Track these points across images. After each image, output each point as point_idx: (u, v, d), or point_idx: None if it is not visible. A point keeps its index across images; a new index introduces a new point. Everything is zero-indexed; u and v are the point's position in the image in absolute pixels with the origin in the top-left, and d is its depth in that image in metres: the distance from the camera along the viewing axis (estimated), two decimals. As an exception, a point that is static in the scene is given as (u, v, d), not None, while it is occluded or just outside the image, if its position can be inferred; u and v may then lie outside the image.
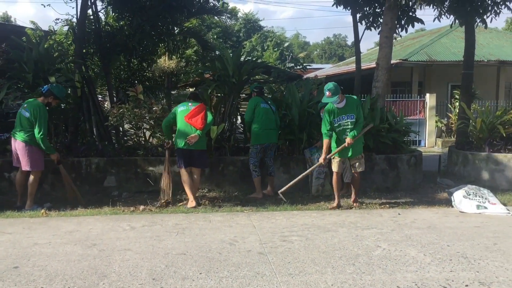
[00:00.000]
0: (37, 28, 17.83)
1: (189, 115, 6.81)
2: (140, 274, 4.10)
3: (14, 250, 4.78)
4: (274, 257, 4.56)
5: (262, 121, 7.57)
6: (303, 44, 69.60)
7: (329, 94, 6.54)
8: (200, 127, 6.75)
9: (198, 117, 6.77)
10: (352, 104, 6.74)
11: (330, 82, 6.74)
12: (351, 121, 6.72)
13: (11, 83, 8.34)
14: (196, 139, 6.74)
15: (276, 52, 32.10)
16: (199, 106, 6.90)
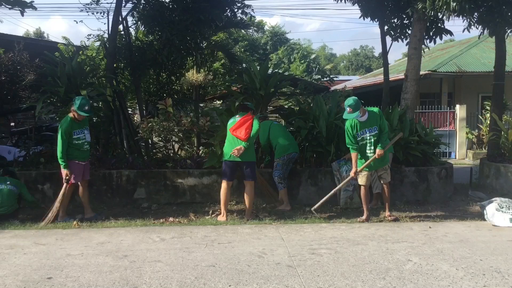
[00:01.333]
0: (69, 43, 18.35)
1: (234, 127, 6.84)
2: (170, 285, 4.15)
3: (47, 261, 4.89)
4: (303, 270, 4.54)
5: (282, 135, 7.66)
6: (329, 56, 69.45)
7: (350, 110, 6.51)
8: (244, 139, 6.73)
9: (242, 128, 6.77)
10: (374, 117, 6.69)
11: (350, 97, 6.68)
12: (374, 134, 6.66)
13: (45, 97, 8.59)
14: (241, 151, 6.72)
15: (303, 64, 32.12)
16: (245, 117, 6.88)
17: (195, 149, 9.41)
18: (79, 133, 6.85)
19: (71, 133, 6.76)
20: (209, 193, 8.14)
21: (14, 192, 6.97)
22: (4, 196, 6.83)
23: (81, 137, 6.87)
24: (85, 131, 6.96)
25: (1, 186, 6.89)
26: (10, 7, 10.42)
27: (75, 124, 6.82)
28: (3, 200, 6.80)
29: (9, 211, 6.86)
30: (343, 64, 69.99)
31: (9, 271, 4.55)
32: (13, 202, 6.94)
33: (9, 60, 15.31)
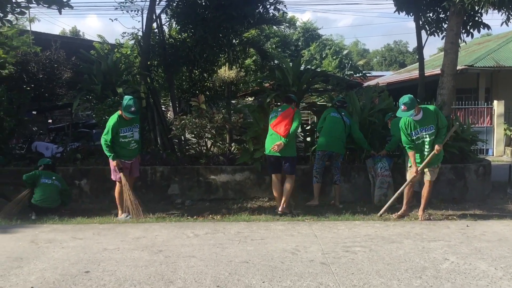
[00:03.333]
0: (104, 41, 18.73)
1: (275, 122, 6.84)
2: (205, 281, 4.18)
3: (85, 255, 5.00)
4: (337, 267, 4.51)
5: (327, 130, 7.55)
6: (362, 52, 68.58)
7: (404, 108, 6.29)
8: (284, 135, 6.74)
9: (282, 124, 6.77)
10: (430, 115, 6.44)
11: (406, 95, 6.38)
12: (431, 133, 6.43)
13: (82, 95, 8.78)
14: (281, 147, 6.75)
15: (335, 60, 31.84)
16: (286, 112, 6.86)
17: (227, 145, 9.46)
18: (126, 131, 6.80)
19: (118, 131, 6.73)
20: (242, 189, 8.17)
21: (58, 187, 7.17)
22: (51, 190, 7.04)
23: (128, 135, 6.83)
24: (133, 129, 6.91)
25: (49, 181, 7.09)
26: (47, 6, 10.68)
27: (123, 122, 6.78)
28: (51, 194, 7.01)
29: (53, 205, 7.05)
30: (376, 59, 68.98)
31: (48, 265, 4.67)
32: (57, 197, 7.13)
33: (46, 58, 15.75)
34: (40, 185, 7.05)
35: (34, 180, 7.08)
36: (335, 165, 7.68)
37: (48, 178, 7.14)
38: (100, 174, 8.10)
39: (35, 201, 6.96)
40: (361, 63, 38.55)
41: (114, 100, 8.00)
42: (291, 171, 6.99)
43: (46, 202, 6.98)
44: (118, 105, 7.79)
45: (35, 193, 7.01)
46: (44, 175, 7.16)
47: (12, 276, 4.33)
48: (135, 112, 6.77)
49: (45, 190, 7.02)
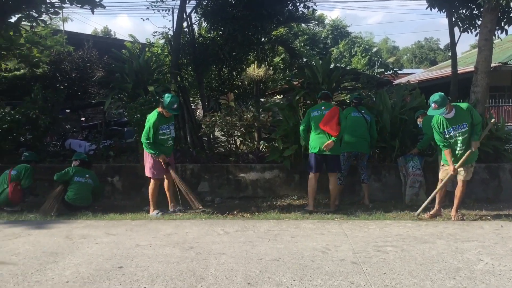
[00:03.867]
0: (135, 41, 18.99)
1: (323, 121, 6.83)
2: (236, 278, 4.20)
3: (118, 250, 5.09)
4: (369, 267, 4.47)
5: (350, 130, 7.43)
6: (392, 49, 67.58)
7: (435, 106, 6.17)
8: (336, 134, 6.79)
9: (332, 123, 6.79)
10: (462, 113, 6.30)
11: (436, 93, 6.26)
12: (464, 131, 6.29)
13: (114, 93, 8.94)
14: (331, 146, 6.79)
15: (364, 58, 31.47)
16: (332, 111, 6.87)
17: (256, 143, 9.48)
18: (165, 129, 6.92)
19: (158, 128, 6.83)
20: (271, 187, 8.19)
21: (91, 186, 7.31)
22: (84, 189, 7.19)
23: (167, 133, 6.95)
24: (171, 126, 7.04)
25: (82, 180, 7.23)
26: (80, 5, 10.91)
27: (162, 119, 6.89)
28: (84, 193, 7.16)
29: (85, 203, 7.20)
30: (406, 57, 67.93)
31: (82, 260, 4.77)
32: (89, 196, 7.28)
33: (79, 57, 16.08)
34: (73, 183, 7.19)
35: (67, 179, 7.23)
36: (361, 164, 7.62)
37: (82, 176, 7.27)
38: (132, 171, 8.25)
39: (68, 199, 7.12)
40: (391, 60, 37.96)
41: (146, 98, 8.11)
42: (338, 168, 7.11)
43: (78, 200, 7.13)
44: (149, 104, 7.93)
45: (69, 190, 7.16)
46: (78, 173, 7.29)
47: (48, 271, 4.44)
48: (177, 109, 6.95)
49: (78, 189, 7.16)
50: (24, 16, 11.68)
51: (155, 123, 6.77)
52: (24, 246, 5.28)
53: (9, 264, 4.64)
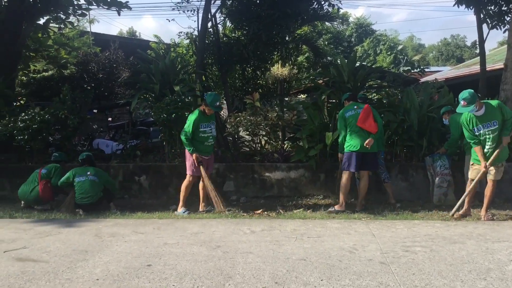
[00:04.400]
0: (160, 41, 19.19)
1: (360, 119, 6.84)
2: (263, 277, 4.20)
3: (146, 249, 5.15)
4: (397, 267, 4.42)
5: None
6: (417, 47, 66.69)
7: (464, 104, 6.07)
8: (375, 131, 6.83)
9: (370, 120, 6.81)
10: (492, 110, 6.17)
11: (466, 90, 6.16)
12: (494, 129, 6.17)
13: (140, 94, 9.04)
14: (372, 143, 6.79)
15: (389, 56, 31.15)
16: (366, 109, 6.88)
17: (280, 143, 9.46)
18: (205, 127, 6.97)
19: (198, 126, 6.89)
20: (296, 187, 8.17)
21: (96, 181, 7.30)
22: (86, 186, 7.21)
23: (207, 131, 6.99)
24: (212, 125, 7.09)
25: (82, 178, 7.26)
26: (107, 7, 11.09)
27: (203, 118, 6.95)
28: (87, 190, 7.19)
29: (93, 200, 7.22)
30: (432, 54, 66.88)
31: (112, 258, 4.84)
32: (96, 191, 7.26)
33: (106, 58, 16.35)
34: (75, 184, 7.26)
35: (70, 183, 7.31)
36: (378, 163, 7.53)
37: (82, 175, 7.30)
38: (158, 170, 8.34)
39: (76, 199, 7.21)
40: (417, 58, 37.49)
41: (172, 98, 8.18)
42: (377, 166, 7.21)
43: (84, 199, 7.17)
44: (175, 104, 8.01)
45: (75, 192, 7.25)
46: (78, 173, 7.34)
47: (79, 269, 4.51)
48: (219, 107, 7.15)
49: (80, 187, 7.21)
50: (52, 18, 11.96)
51: (195, 121, 6.84)
52: (55, 244, 5.38)
53: (40, 262, 4.73)
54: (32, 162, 8.77)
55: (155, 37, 20.63)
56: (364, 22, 42.54)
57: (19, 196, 7.55)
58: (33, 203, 7.45)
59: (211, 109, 6.96)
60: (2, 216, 7.01)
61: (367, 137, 6.81)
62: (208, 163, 7.15)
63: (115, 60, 16.53)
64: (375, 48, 36.00)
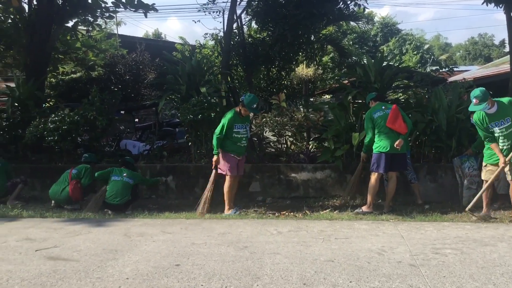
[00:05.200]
0: (185, 43, 19.35)
1: (390, 120, 6.77)
2: (291, 278, 4.20)
3: (174, 248, 5.19)
4: (427, 270, 4.36)
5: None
6: (444, 46, 65.61)
7: (476, 102, 6.04)
8: (405, 132, 6.76)
9: (399, 121, 6.75)
10: (504, 108, 6.12)
11: (477, 88, 6.18)
12: (506, 126, 6.11)
13: (167, 95, 9.13)
14: (402, 144, 6.73)
15: (416, 55, 30.73)
16: (394, 110, 6.82)
17: (305, 143, 9.43)
18: (239, 128, 6.98)
19: (232, 126, 6.90)
20: (322, 187, 8.13)
21: (129, 184, 7.42)
22: (119, 187, 7.32)
23: (241, 132, 7.00)
24: (246, 127, 7.11)
25: (118, 178, 7.39)
26: (134, 10, 11.24)
27: (238, 118, 6.96)
28: (119, 191, 7.30)
29: (122, 202, 7.33)
30: (459, 53, 65.73)
31: (141, 257, 4.90)
32: (126, 193, 7.37)
33: (132, 60, 16.55)
34: (110, 182, 7.39)
35: (106, 178, 7.45)
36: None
37: (118, 175, 7.43)
38: (184, 171, 8.41)
39: (106, 198, 7.31)
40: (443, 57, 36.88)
41: (198, 99, 8.23)
42: (405, 167, 7.15)
43: (112, 199, 7.27)
44: (201, 105, 8.06)
45: (107, 190, 7.36)
46: (115, 172, 7.48)
47: (109, 268, 4.58)
48: (256, 108, 7.13)
49: (113, 187, 7.33)
50: (80, 20, 12.18)
51: (230, 120, 6.85)
52: (85, 243, 5.48)
53: (71, 261, 4.82)
54: (62, 163, 8.94)
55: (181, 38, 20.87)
56: (389, 22, 42.08)
57: (50, 195, 7.71)
58: (63, 202, 7.59)
59: (247, 111, 6.98)
60: (33, 215, 7.17)
61: (397, 138, 6.72)
62: (239, 165, 7.14)
63: (141, 61, 16.72)
64: (400, 47, 35.57)
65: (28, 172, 8.86)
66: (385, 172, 6.93)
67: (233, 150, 6.97)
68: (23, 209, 7.50)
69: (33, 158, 9.45)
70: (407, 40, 37.36)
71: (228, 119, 6.85)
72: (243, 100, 6.94)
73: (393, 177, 6.99)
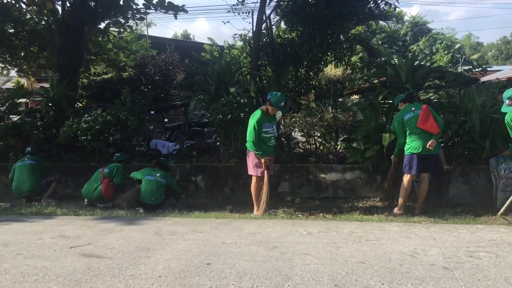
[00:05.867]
0: (213, 43, 19.47)
1: (421, 120, 6.67)
2: (322, 279, 4.18)
3: (205, 247, 5.23)
4: (461, 273, 4.28)
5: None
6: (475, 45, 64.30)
7: (509, 103, 5.94)
8: (437, 132, 6.66)
9: (431, 121, 6.65)
10: None
11: (510, 89, 6.06)
12: None
13: (197, 95, 9.21)
14: (435, 144, 6.64)
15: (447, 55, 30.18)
16: (425, 110, 6.71)
17: (333, 144, 9.37)
18: (268, 127, 6.93)
19: (261, 126, 6.85)
20: (352, 188, 8.07)
21: (162, 184, 7.48)
22: (153, 187, 7.39)
23: (270, 131, 6.95)
24: (273, 126, 7.06)
25: (152, 178, 7.46)
26: (164, 11, 11.38)
27: (265, 118, 6.89)
28: (153, 191, 7.36)
29: (157, 202, 7.41)
30: (491, 53, 64.28)
31: (172, 255, 4.96)
32: (161, 193, 7.44)
33: (162, 61, 16.75)
34: (144, 181, 7.47)
35: (140, 178, 7.53)
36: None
37: (152, 175, 7.49)
38: (214, 171, 8.46)
39: (140, 197, 7.40)
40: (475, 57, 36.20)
41: (228, 99, 8.28)
42: (438, 167, 7.06)
43: (147, 198, 7.34)
44: (231, 105, 8.10)
45: (141, 189, 7.44)
46: (149, 172, 7.56)
47: (141, 265, 4.65)
48: (284, 107, 7.10)
49: (147, 186, 7.39)
50: (112, 22, 12.38)
51: (259, 121, 6.78)
52: (118, 241, 5.57)
53: (105, 258, 4.91)
54: (94, 162, 9.11)
55: (209, 39, 20.94)
56: (419, 21, 41.46)
57: (83, 194, 7.87)
58: (96, 201, 7.74)
59: (275, 109, 6.93)
60: (67, 213, 7.33)
61: (429, 138, 6.61)
62: (269, 164, 7.11)
63: (170, 62, 16.91)
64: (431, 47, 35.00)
65: (62, 170, 9.07)
66: (417, 173, 6.83)
67: (264, 150, 6.90)
68: (57, 207, 7.68)
69: (66, 157, 9.66)
70: (438, 40, 36.71)
71: (257, 119, 6.78)
72: (270, 98, 6.87)
73: (425, 178, 6.88)
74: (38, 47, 12.70)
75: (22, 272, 4.51)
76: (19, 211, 7.52)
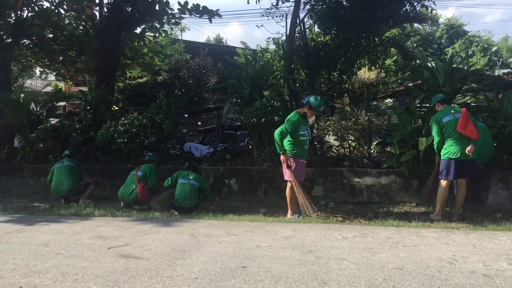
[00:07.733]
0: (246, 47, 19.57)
1: (460, 125, 6.52)
2: (359, 284, 4.14)
3: (240, 250, 5.25)
4: (503, 281, 4.17)
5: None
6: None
7: None
8: (476, 137, 6.51)
9: (471, 126, 6.51)
10: None
11: None
12: None
13: (231, 98, 9.27)
14: (473, 149, 6.49)
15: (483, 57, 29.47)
16: (465, 115, 6.56)
17: (366, 148, 9.27)
18: (304, 130, 6.89)
19: (298, 128, 6.81)
20: (387, 193, 7.96)
21: (195, 187, 7.55)
22: (187, 190, 7.46)
23: (306, 134, 6.92)
24: (308, 129, 7.04)
25: (185, 181, 7.53)
26: (199, 16, 11.51)
27: (302, 121, 6.85)
28: (187, 194, 7.44)
29: (191, 204, 7.47)
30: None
31: (208, 258, 4.99)
32: (195, 196, 7.52)
33: (196, 65, 16.94)
34: (178, 185, 7.54)
35: (173, 185, 7.62)
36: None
37: (185, 178, 7.57)
38: (247, 174, 8.49)
39: (174, 200, 7.48)
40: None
41: (262, 103, 8.30)
42: (475, 173, 6.88)
43: (181, 201, 7.41)
44: (265, 108, 8.12)
45: (175, 192, 7.52)
46: (182, 175, 7.64)
47: (178, 267, 4.70)
48: (324, 111, 7.09)
49: (181, 189, 7.47)
50: (147, 27, 12.61)
51: (296, 122, 6.74)
52: (154, 242, 5.65)
53: (142, 259, 4.99)
54: (130, 164, 9.27)
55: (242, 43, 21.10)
56: (455, 23, 40.63)
57: (119, 197, 8.02)
58: (132, 204, 7.87)
59: (313, 113, 6.92)
60: (105, 214, 7.49)
61: (467, 144, 6.45)
62: (302, 168, 7.02)
63: (204, 66, 17.09)
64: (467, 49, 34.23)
65: (99, 172, 9.27)
66: (454, 179, 6.68)
67: (302, 154, 6.87)
68: (95, 208, 7.86)
69: (103, 159, 9.87)
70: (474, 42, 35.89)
71: (294, 121, 6.73)
72: (311, 102, 6.82)
73: (462, 184, 6.73)
74: (76, 52, 13.05)
75: (62, 272, 4.63)
76: (58, 212, 7.73)
